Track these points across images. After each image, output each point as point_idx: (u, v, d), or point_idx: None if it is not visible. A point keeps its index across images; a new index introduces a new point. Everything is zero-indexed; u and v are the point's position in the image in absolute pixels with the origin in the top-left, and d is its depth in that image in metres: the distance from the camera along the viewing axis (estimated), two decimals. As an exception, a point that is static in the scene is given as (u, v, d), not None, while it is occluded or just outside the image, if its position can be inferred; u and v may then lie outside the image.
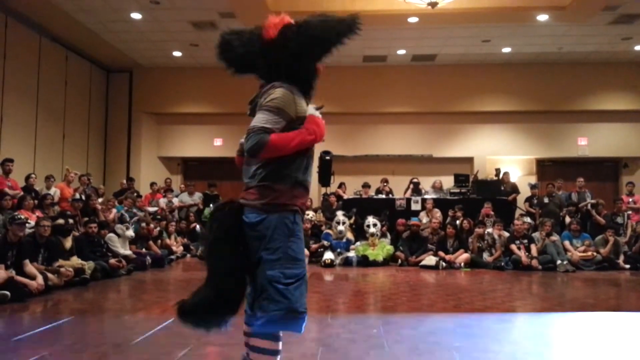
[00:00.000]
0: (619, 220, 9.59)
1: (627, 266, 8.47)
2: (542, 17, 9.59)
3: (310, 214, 10.15)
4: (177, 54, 12.07)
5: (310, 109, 2.22)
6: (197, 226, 10.75)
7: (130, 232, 7.94)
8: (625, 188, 10.86)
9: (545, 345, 3.69)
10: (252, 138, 2.09)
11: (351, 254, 8.73)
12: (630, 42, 11.05)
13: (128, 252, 7.74)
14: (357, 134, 13.18)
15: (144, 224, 8.66)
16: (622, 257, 8.64)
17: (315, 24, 2.14)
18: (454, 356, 3.26)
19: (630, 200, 10.15)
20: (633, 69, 12.32)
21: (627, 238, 9.04)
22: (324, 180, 11.91)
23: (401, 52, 11.94)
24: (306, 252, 9.08)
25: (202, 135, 13.40)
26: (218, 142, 13.30)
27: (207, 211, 10.98)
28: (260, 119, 2.13)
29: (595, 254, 8.54)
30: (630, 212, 9.82)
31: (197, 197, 11.40)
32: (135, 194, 10.43)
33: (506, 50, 11.74)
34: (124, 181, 11.51)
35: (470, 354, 3.31)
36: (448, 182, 11.33)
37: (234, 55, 2.30)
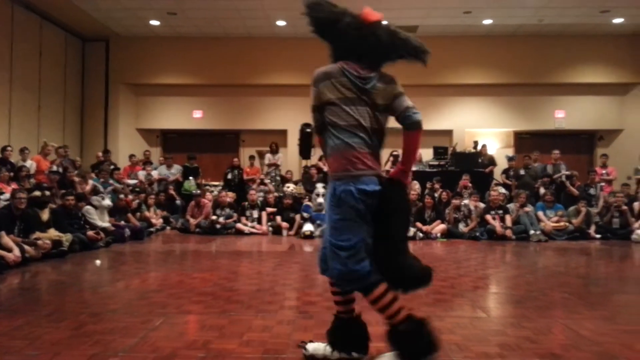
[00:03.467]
0: (592, 191, 9.84)
1: (598, 236, 8.74)
2: (523, -11, 9.60)
3: (290, 186, 10.19)
4: (154, 22, 11.79)
5: None
6: (177, 200, 10.73)
7: (107, 202, 7.91)
8: (600, 160, 11.12)
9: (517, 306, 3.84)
10: (419, 115, 2.40)
11: (331, 225, 8.82)
12: (607, 15, 11.12)
13: (106, 224, 7.72)
14: (338, 106, 13.13)
15: (122, 196, 8.62)
16: (593, 227, 8.90)
17: (402, 33, 2.51)
18: (425, 321, 3.37)
19: (604, 172, 10.40)
20: (610, 42, 12.44)
21: (599, 209, 9.29)
22: (305, 153, 11.95)
23: (383, 23, 11.83)
24: (285, 224, 9.16)
25: (181, 107, 13.24)
26: (198, 114, 13.17)
27: (186, 184, 10.94)
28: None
29: (567, 224, 8.79)
30: (603, 183, 10.07)
31: (176, 170, 11.33)
32: (112, 167, 10.33)
33: (487, 22, 11.74)
34: (100, 153, 11.38)
35: (443, 319, 3.43)
36: (428, 154, 11.44)
37: (322, 15, 2.49)
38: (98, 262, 6.23)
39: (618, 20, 11.42)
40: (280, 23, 11.80)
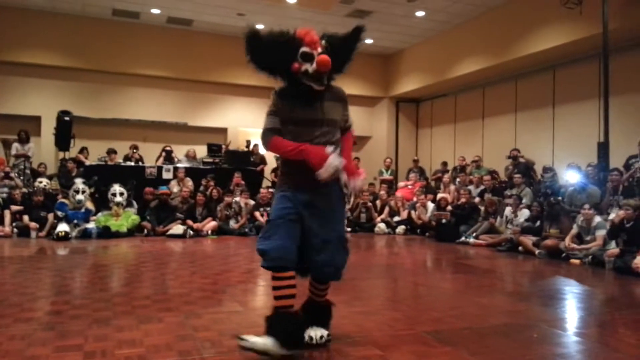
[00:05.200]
0: (345, 190, 11.13)
1: (349, 229, 9.91)
2: (292, 0, 10.28)
3: (43, 181, 8.99)
4: None
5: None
6: None
7: None
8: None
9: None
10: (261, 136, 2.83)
11: (90, 225, 8.07)
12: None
13: None
14: (104, 95, 12.13)
15: None
16: (345, 222, 10.07)
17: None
18: (182, 321, 3.33)
19: (356, 172, 11.86)
20: (365, 60, 13.99)
21: (350, 205, 10.57)
22: (62, 144, 11.03)
23: (155, 11, 11.35)
24: (34, 224, 8.01)
25: None
26: None
27: None
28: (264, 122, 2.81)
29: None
30: (355, 182, 11.48)
31: None
32: None
33: (259, 27, 12.22)
34: None
35: (201, 317, 3.43)
36: (202, 151, 11.38)
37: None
38: None
39: (369, 41, 13.11)
40: (34, -6, 10.33)
